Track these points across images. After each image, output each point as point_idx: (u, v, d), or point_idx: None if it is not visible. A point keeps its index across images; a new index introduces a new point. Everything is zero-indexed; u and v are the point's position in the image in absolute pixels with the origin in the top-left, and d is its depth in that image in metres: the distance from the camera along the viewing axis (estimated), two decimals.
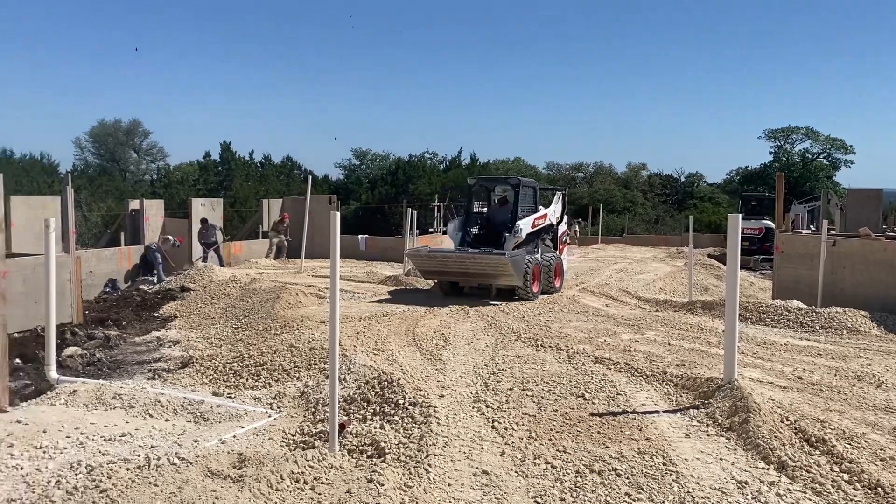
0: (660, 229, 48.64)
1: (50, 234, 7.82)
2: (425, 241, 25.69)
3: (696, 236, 24.88)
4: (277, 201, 27.09)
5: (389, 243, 25.50)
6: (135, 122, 62.60)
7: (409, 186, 41.72)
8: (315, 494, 4.31)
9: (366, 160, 62.93)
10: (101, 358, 9.69)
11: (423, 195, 37.67)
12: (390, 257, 23.30)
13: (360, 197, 44.70)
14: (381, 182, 46.52)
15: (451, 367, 8.29)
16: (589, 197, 53.92)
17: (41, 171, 38.07)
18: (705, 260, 25.22)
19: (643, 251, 30.30)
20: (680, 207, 58.24)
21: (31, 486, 4.66)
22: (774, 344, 9.96)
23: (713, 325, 11.36)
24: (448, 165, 49.78)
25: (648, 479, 5.04)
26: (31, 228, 16.65)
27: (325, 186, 44.45)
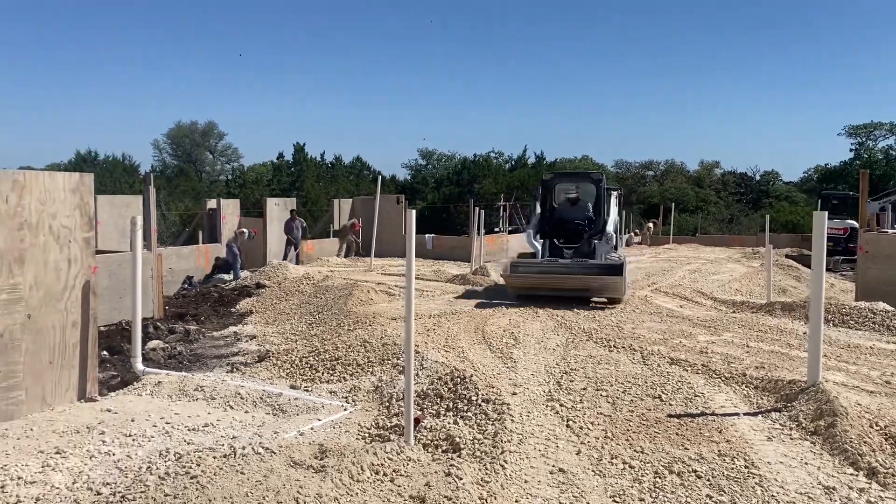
0: (734, 229, 47.33)
1: (136, 232, 8.14)
2: (491, 241, 25.70)
3: (772, 236, 24.10)
4: (347, 201, 27.56)
5: (456, 242, 25.62)
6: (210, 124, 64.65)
7: (474, 186, 41.77)
8: (395, 486, 4.37)
9: (432, 160, 63.40)
10: (181, 351, 10.04)
11: (488, 194, 37.67)
12: (457, 256, 23.40)
13: (426, 196, 45.03)
14: (447, 182, 46.73)
15: (523, 365, 8.27)
16: (659, 196, 52.92)
17: (123, 172, 39.75)
18: (783, 261, 24.37)
19: (717, 251, 29.51)
20: (755, 206, 56.55)
21: (123, 471, 4.87)
22: (859, 347, 9.56)
23: (793, 326, 11.00)
24: (514, 165, 49.65)
25: (730, 481, 4.92)
26: (116, 226, 17.40)
27: (393, 186, 44.96)
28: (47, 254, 6.67)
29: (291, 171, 42.91)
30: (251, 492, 3.95)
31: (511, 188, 39.45)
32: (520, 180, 41.50)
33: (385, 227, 22.02)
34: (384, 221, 21.67)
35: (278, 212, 21.69)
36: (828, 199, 30.71)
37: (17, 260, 6.41)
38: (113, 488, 4.33)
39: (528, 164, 48.60)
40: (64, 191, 6.80)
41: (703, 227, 45.51)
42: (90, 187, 7.09)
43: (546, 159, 49.48)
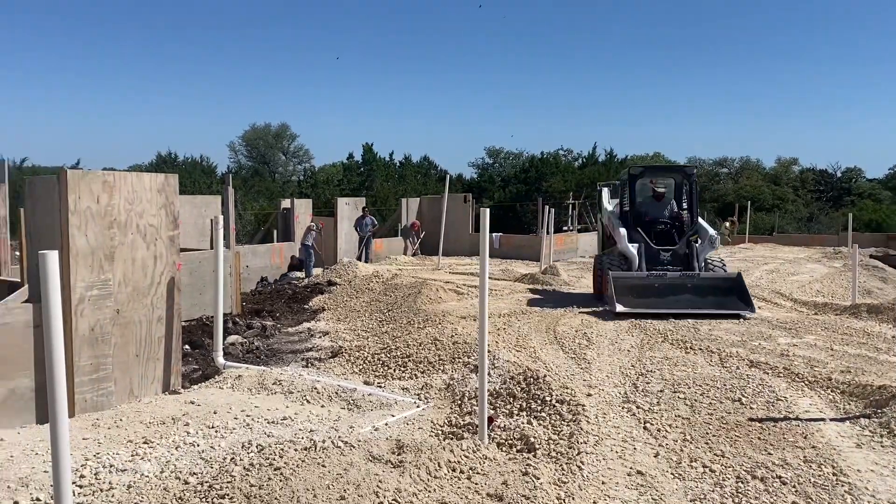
0: (813, 228, 45.59)
1: (219, 231, 8.41)
2: (560, 240, 25.45)
3: (855, 235, 23.13)
4: (415, 200, 27.77)
5: (523, 241, 25.50)
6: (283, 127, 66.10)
7: (542, 184, 41.45)
8: (472, 484, 4.38)
9: (499, 158, 63.22)
10: (258, 346, 10.31)
11: (556, 193, 37.32)
12: (524, 255, 23.30)
13: (492, 195, 44.93)
14: (514, 180, 46.53)
15: (597, 366, 8.16)
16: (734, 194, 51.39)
17: (201, 173, 41.05)
18: (868, 261, 23.30)
19: (795, 251, 28.46)
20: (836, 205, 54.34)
21: (208, 461, 5.02)
22: None
23: (880, 329, 10.51)
24: (583, 162, 49.06)
25: (817, 488, 4.75)
26: (195, 225, 17.98)
27: (460, 185, 45.06)
28: (135, 251, 6.95)
29: (361, 171, 43.55)
30: (332, 484, 4.03)
31: (580, 186, 38.98)
32: (590, 178, 40.93)
33: (452, 226, 22.11)
34: (451, 220, 21.77)
35: (348, 211, 22.06)
36: None
37: (107, 257, 6.70)
38: (200, 478, 4.48)
39: (598, 161, 47.95)
40: (150, 191, 7.08)
41: (780, 227, 43.97)
42: (175, 187, 7.35)
43: (617, 156, 48.70)
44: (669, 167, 14.56)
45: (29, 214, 7.04)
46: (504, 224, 36.52)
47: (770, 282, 17.46)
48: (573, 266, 21.50)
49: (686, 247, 12.90)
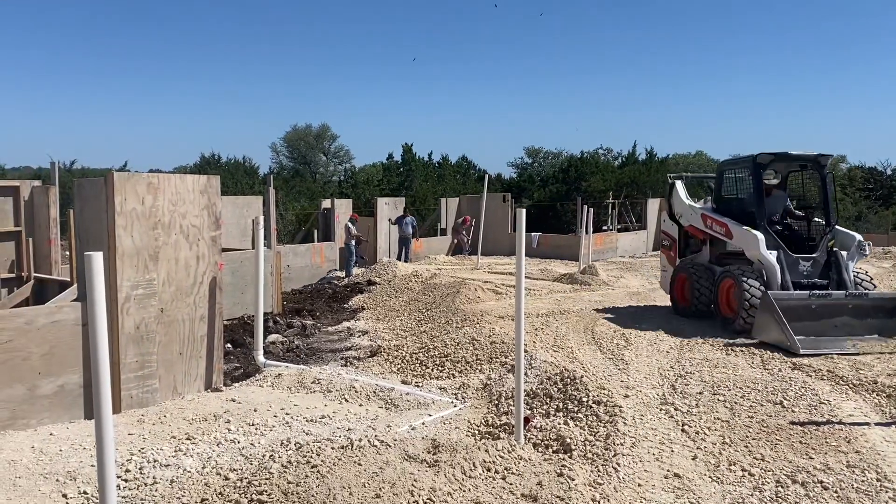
0: (862, 227, 44.37)
1: (259, 231, 8.55)
2: (599, 240, 25.25)
3: None
4: (454, 200, 27.81)
5: (563, 241, 25.35)
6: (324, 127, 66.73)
7: (581, 184, 41.14)
8: (506, 484, 4.39)
9: (538, 158, 62.91)
10: (298, 345, 10.45)
11: (596, 192, 36.98)
12: (564, 255, 23.17)
13: (532, 195, 44.72)
14: (553, 180, 46.24)
15: (635, 367, 8.10)
16: None
17: (244, 174, 41.70)
18: None
19: None
20: (886, 203, 52.84)
21: (247, 458, 5.13)
22: None
23: None
24: (623, 161, 48.55)
25: (861, 494, 4.65)
26: (237, 225, 18.28)
27: (499, 185, 44.96)
28: (178, 251, 7.11)
29: (400, 171, 43.77)
30: (368, 482, 4.09)
31: (620, 185, 38.58)
32: (630, 177, 40.48)
33: (491, 226, 22.10)
34: (490, 220, 21.75)
35: (388, 211, 22.20)
36: None
37: (151, 257, 6.87)
38: (239, 474, 4.58)
39: (638, 160, 47.40)
40: (193, 192, 7.23)
41: None
42: (217, 189, 7.51)
43: (657, 155, 48.08)
44: (801, 156, 11.16)
45: (78, 215, 7.25)
46: (543, 224, 36.32)
47: None
48: (612, 266, 21.31)
49: (827, 253, 10.74)
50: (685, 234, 12.55)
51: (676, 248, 12.66)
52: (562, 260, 22.55)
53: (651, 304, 13.29)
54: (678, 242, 12.63)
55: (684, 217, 12.43)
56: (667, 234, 13.05)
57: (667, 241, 13.03)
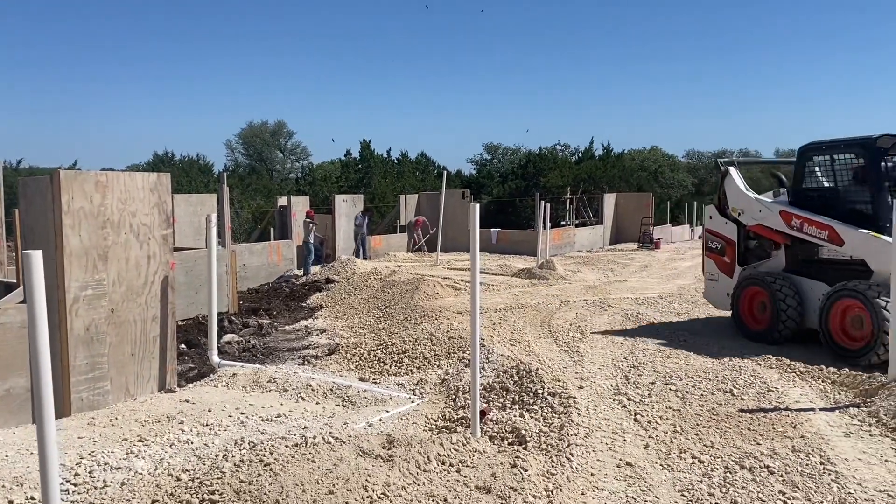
0: None
1: (212, 229, 8.44)
2: (557, 235, 25.51)
3: None
4: (413, 196, 27.81)
5: (521, 236, 25.53)
6: (280, 124, 66.04)
7: (539, 179, 41.46)
8: (461, 476, 4.42)
9: (497, 154, 63.17)
10: (255, 344, 10.36)
11: (554, 188, 37.33)
12: (522, 250, 23.34)
13: (491, 191, 44.94)
14: (512, 176, 46.51)
15: (590, 359, 8.21)
16: None
17: (198, 172, 41.07)
18: None
19: None
20: None
21: (201, 458, 5.07)
22: None
23: None
24: (580, 157, 49.07)
25: (805, 477, 4.79)
26: (191, 224, 18.02)
27: (458, 181, 45.05)
28: (128, 251, 6.98)
29: (359, 167, 43.54)
30: (322, 479, 4.08)
31: (578, 181, 39.00)
32: (587, 173, 40.98)
33: (450, 223, 22.15)
34: (450, 216, 21.81)
35: (346, 208, 22.09)
36: None
37: (100, 257, 6.74)
38: (192, 475, 4.52)
39: (594, 155, 47.96)
40: (143, 190, 7.11)
41: None
42: (167, 186, 7.39)
43: (613, 150, 48.71)
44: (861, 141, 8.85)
45: (23, 215, 7.06)
46: (503, 220, 36.52)
47: None
48: (570, 260, 21.55)
49: None
50: (746, 235, 10.19)
51: (734, 252, 10.22)
52: (520, 255, 22.72)
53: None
54: (737, 245, 10.21)
55: (747, 214, 9.96)
56: (716, 234, 10.53)
57: (716, 243, 10.51)
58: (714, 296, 10.59)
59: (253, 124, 65.33)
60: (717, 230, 10.56)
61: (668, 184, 52.54)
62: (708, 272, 10.71)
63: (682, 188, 52.86)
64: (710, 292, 10.70)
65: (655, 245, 26.70)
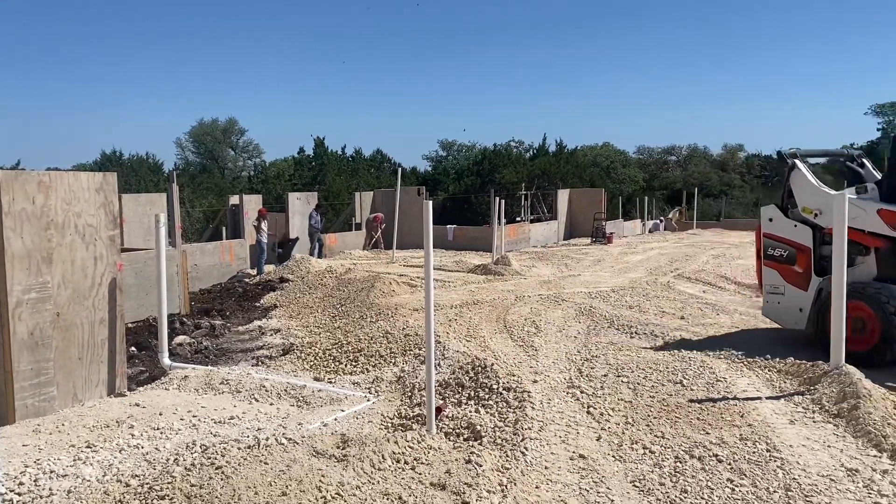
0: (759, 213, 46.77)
1: (160, 229, 8.28)
2: (512, 231, 25.70)
3: None
4: (368, 194, 27.69)
5: (477, 233, 25.64)
6: (231, 121, 65.10)
7: (495, 176, 41.67)
8: (415, 474, 4.43)
9: (452, 151, 63.34)
10: (207, 346, 10.20)
11: (509, 184, 37.58)
12: (479, 247, 23.44)
13: (447, 187, 45.00)
14: (468, 172, 46.64)
15: (544, 353, 8.29)
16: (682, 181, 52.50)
17: (147, 171, 40.25)
18: None
19: (742, 236, 29.21)
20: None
21: (151, 463, 4.97)
22: None
23: None
24: (534, 153, 49.48)
25: (751, 465, 4.92)
26: (141, 224, 17.65)
27: (413, 178, 45.04)
28: (74, 252, 6.81)
29: (312, 165, 43.13)
30: (274, 481, 4.04)
31: (532, 177, 39.30)
32: (541, 169, 41.33)
33: (406, 220, 22.11)
34: (405, 214, 21.77)
35: (300, 206, 21.88)
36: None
37: (44, 259, 6.55)
38: (141, 480, 4.44)
39: (548, 152, 48.38)
40: (88, 190, 6.94)
41: (727, 212, 45.09)
42: (114, 186, 7.22)
43: (566, 147, 49.21)
44: None
45: None
46: (459, 216, 36.62)
47: (716, 266, 17.89)
48: (525, 256, 21.72)
49: None
50: (822, 240, 8.63)
51: (808, 260, 8.72)
52: (476, 251, 22.81)
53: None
54: (812, 252, 8.71)
55: (827, 214, 8.28)
56: (781, 239, 9.00)
57: (781, 249, 8.97)
58: (779, 312, 8.95)
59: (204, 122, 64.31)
60: (781, 234, 9.00)
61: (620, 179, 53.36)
62: (769, 284, 9.05)
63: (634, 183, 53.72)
64: (774, 308, 8.99)
65: (608, 240, 27.09)
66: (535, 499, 4.44)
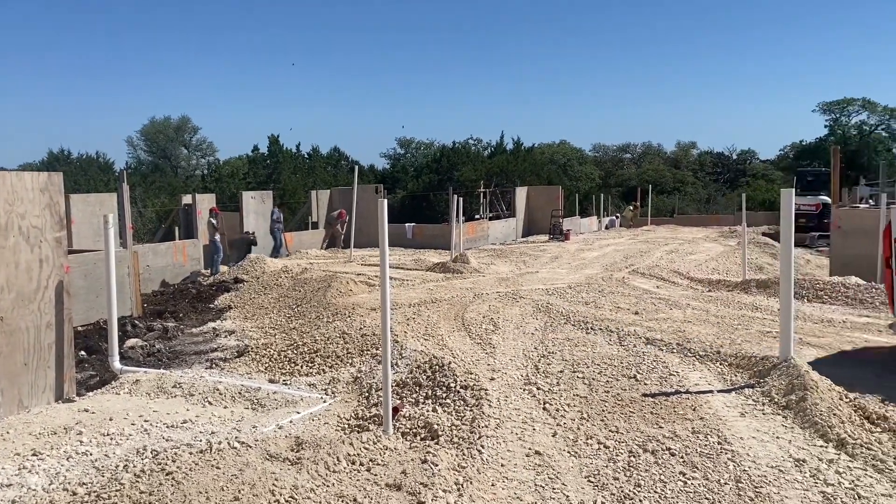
0: (711, 209, 47.79)
1: (109, 230, 8.08)
2: (471, 229, 25.74)
3: (749, 215, 24.38)
4: (325, 192, 27.45)
5: (436, 231, 25.63)
6: (184, 119, 63.98)
7: (453, 173, 41.73)
8: (371, 475, 4.40)
9: (410, 148, 63.27)
10: (160, 349, 10.00)
11: (468, 182, 37.66)
12: (438, 245, 23.43)
13: (405, 185, 44.92)
14: (426, 170, 46.60)
15: (501, 350, 8.32)
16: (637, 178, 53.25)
17: (97, 170, 39.30)
18: (759, 238, 24.66)
19: (694, 231, 29.78)
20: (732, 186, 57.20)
21: (100, 470, 4.85)
22: (832, 321, 9.73)
23: (768, 303, 11.16)
24: (492, 151, 49.68)
25: (703, 457, 5.01)
26: (90, 225, 17.22)
27: (371, 176, 44.83)
28: (18, 255, 6.61)
29: (267, 163, 42.57)
30: (227, 486, 3.97)
31: (490, 175, 39.46)
32: (499, 166, 41.54)
33: (364, 218, 21.96)
34: (363, 212, 21.62)
35: (255, 205, 21.58)
36: (803, 177, 30.99)
37: None
38: (89, 488, 4.32)
39: (506, 149, 48.64)
40: (32, 190, 6.74)
41: (680, 208, 45.93)
42: (59, 186, 7.03)
43: (524, 144, 49.53)
44: None
45: None
46: (418, 214, 36.58)
47: (669, 262, 18.18)
48: (484, 253, 21.79)
49: None
50: None
51: None
52: (435, 249, 22.79)
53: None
54: None
55: None
56: None
57: None
58: None
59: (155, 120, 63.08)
60: None
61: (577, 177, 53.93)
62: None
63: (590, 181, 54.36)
64: None
65: (565, 236, 27.34)
66: (491, 497, 4.45)
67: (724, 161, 64.70)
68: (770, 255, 21.14)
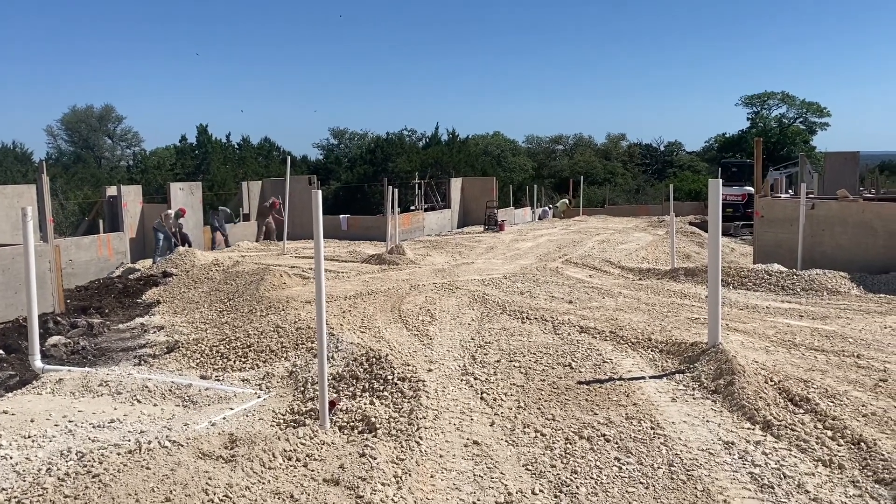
0: (641, 199, 48.97)
1: (27, 223, 7.72)
2: (406, 220, 25.69)
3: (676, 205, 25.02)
4: (256, 183, 26.93)
5: (371, 222, 25.48)
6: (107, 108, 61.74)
7: (388, 165, 41.53)
8: (308, 471, 4.33)
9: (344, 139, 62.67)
10: (85, 346, 9.62)
11: (402, 173, 37.56)
12: (373, 236, 23.30)
13: (339, 176, 44.49)
14: (361, 161, 46.26)
15: (438, 341, 8.32)
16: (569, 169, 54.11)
17: (14, 161, 37.55)
18: (686, 228, 25.41)
19: (625, 221, 30.46)
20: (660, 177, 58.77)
21: (21, 474, 4.64)
22: (757, 307, 10.09)
23: (696, 291, 11.48)
24: (427, 142, 49.66)
25: (637, 443, 5.11)
26: (8, 218, 16.44)
27: (304, 167, 44.22)
28: None
29: (196, 154, 41.46)
30: (157, 487, 3.84)
31: (425, 166, 39.43)
32: (434, 157, 41.55)
33: (297, 210, 21.65)
34: (296, 203, 21.31)
35: (183, 197, 20.99)
36: (727, 167, 32.01)
37: None
38: (9, 494, 4.12)
39: (441, 141, 48.67)
40: None
41: (611, 199, 46.90)
42: None
43: (459, 136, 49.69)
44: None
45: None
46: (353, 206, 36.28)
47: (601, 251, 18.54)
48: (419, 244, 21.76)
49: None
50: None
51: None
52: (371, 241, 22.66)
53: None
54: None
55: None
56: None
57: None
58: None
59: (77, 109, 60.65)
60: None
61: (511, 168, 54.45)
62: None
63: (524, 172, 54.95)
64: None
65: (500, 227, 27.57)
66: (430, 488, 4.44)
67: (653, 152, 66.40)
68: (697, 243, 21.82)
